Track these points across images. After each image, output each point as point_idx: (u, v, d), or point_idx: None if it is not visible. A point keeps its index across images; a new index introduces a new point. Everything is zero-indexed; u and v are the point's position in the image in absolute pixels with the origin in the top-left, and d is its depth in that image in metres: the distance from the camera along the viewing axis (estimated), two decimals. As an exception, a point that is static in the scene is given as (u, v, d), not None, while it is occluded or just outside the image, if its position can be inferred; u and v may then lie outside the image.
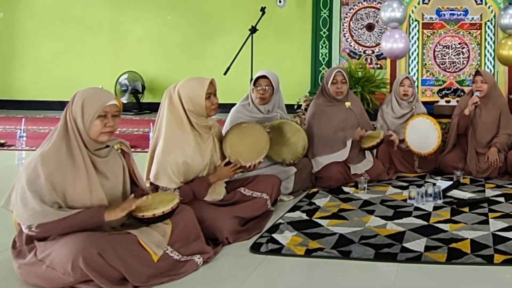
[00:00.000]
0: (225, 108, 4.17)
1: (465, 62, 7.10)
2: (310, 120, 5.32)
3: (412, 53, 7.18)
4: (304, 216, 4.11)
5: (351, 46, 8.29)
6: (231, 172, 3.99)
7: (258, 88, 4.78)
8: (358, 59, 8.24)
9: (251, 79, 5.07)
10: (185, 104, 3.69)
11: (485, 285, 3.00)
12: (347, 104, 5.33)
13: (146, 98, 10.25)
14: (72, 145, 2.86)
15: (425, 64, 7.16)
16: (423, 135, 5.51)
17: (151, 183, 3.67)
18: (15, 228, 2.90)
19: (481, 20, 7.05)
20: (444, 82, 7.14)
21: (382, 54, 7.60)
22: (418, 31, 7.20)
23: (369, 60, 8.27)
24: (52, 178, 2.75)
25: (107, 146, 3.04)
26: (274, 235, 3.64)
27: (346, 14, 8.23)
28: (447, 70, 7.13)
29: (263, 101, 4.82)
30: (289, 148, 4.82)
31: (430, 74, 7.16)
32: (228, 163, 4.00)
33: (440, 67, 7.13)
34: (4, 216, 3.47)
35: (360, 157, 5.33)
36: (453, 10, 7.08)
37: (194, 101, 3.69)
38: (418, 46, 7.21)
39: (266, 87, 4.79)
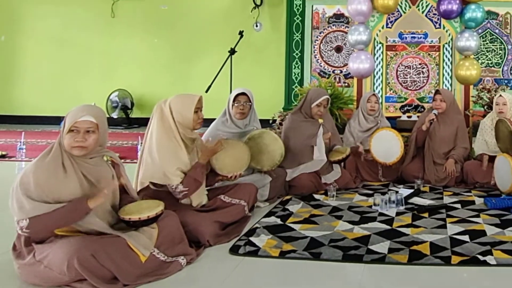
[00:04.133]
0: (207, 122, 4.26)
1: (425, 81, 7.10)
2: (286, 133, 5.33)
3: (377, 73, 7.15)
4: (279, 221, 4.14)
5: (321, 66, 8.29)
6: (213, 150, 3.97)
7: (238, 104, 4.81)
8: (328, 78, 8.24)
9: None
10: (175, 116, 3.70)
11: (443, 284, 3.03)
12: (320, 120, 5.35)
13: (134, 114, 10.28)
14: (63, 156, 2.91)
15: (389, 83, 7.15)
16: (387, 146, 5.56)
17: (139, 191, 3.69)
18: (15, 231, 2.91)
19: (439, 42, 7.08)
20: (406, 99, 7.14)
21: (349, 73, 7.60)
22: (382, 52, 7.19)
23: (337, 79, 8.29)
24: (42, 185, 2.77)
25: (97, 156, 3.08)
26: (251, 238, 3.68)
27: (317, 37, 8.25)
28: (409, 88, 7.13)
29: (243, 115, 4.85)
30: (268, 155, 4.85)
31: (393, 92, 7.16)
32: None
33: (402, 85, 7.13)
34: (5, 220, 3.53)
35: (329, 168, 5.35)
36: (414, 34, 7.09)
37: (184, 114, 3.71)
38: (382, 66, 7.19)
39: (245, 103, 4.84)
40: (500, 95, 5.49)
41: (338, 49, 8.33)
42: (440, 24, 7.05)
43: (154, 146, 3.70)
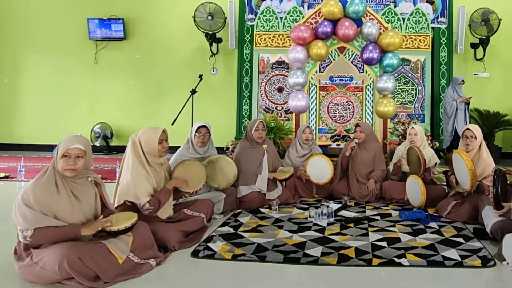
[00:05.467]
0: (173, 149, 4.32)
1: (350, 115, 7.21)
2: (237, 157, 5.29)
3: (312, 109, 7.20)
4: (231, 230, 4.17)
5: (266, 103, 8.32)
6: (180, 183, 4.02)
7: (199, 134, 4.84)
8: (271, 113, 8.31)
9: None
10: (143, 146, 3.75)
11: (366, 282, 3.07)
12: (264, 146, 5.39)
13: (113, 142, 10.27)
14: (56, 177, 2.97)
15: (321, 117, 7.23)
16: (320, 169, 5.56)
17: (116, 207, 3.70)
18: (16, 238, 2.95)
19: (362, 84, 7.16)
20: (335, 130, 7.26)
21: (289, 109, 7.63)
22: (316, 92, 7.21)
23: (279, 114, 8.32)
24: (39, 200, 2.83)
25: (83, 177, 3.12)
26: (209, 244, 3.72)
27: (262, 80, 8.24)
28: (337, 121, 7.24)
29: (203, 144, 4.88)
30: (223, 176, 4.86)
31: (324, 124, 7.24)
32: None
33: (332, 119, 7.24)
34: (7, 229, 3.56)
35: (273, 187, 5.36)
36: (342, 77, 7.19)
37: (150, 145, 3.75)
38: (316, 104, 7.23)
39: (205, 134, 4.88)
40: (412, 127, 5.61)
41: (280, 90, 8.27)
42: (363, 69, 7.13)
43: (128, 172, 3.72)
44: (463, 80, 8.39)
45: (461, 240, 3.92)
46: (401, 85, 8.91)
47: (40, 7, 10.40)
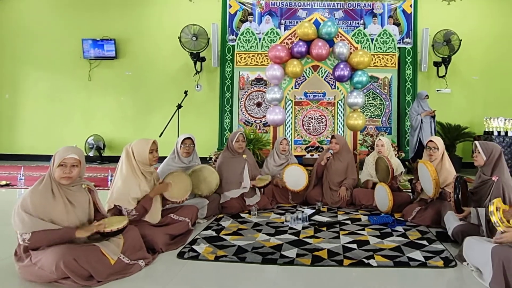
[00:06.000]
0: (160, 159, 4.34)
1: (323, 128, 7.24)
2: (219, 167, 5.32)
3: (288, 122, 7.24)
4: (214, 233, 4.19)
5: (246, 117, 8.29)
6: (163, 188, 4.02)
7: (184, 146, 4.88)
8: (251, 126, 8.29)
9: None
10: (136, 156, 3.79)
11: (337, 281, 3.08)
12: (244, 156, 5.44)
13: (106, 153, 10.24)
14: (52, 184, 3.00)
15: (297, 130, 7.26)
16: (295, 177, 5.58)
17: (108, 211, 3.70)
18: (16, 241, 2.97)
19: (334, 99, 7.18)
20: (309, 142, 7.25)
21: (267, 122, 7.59)
22: (291, 107, 7.24)
23: (258, 127, 8.28)
24: (37, 205, 2.86)
25: (77, 185, 3.14)
26: (193, 246, 3.76)
27: (242, 95, 8.21)
28: (311, 134, 7.26)
29: (188, 154, 4.93)
30: (206, 184, 4.91)
31: (300, 136, 7.27)
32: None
33: (306, 131, 7.26)
34: (8, 233, 3.55)
35: (252, 193, 5.39)
36: (315, 93, 7.21)
37: (141, 155, 3.80)
38: (291, 117, 7.26)
39: (190, 145, 4.92)
40: (380, 139, 5.65)
41: (259, 104, 8.26)
42: (335, 86, 7.16)
43: (121, 178, 3.75)
44: (427, 95, 8.36)
45: (425, 242, 3.97)
46: (370, 100, 8.91)
47: (39, 28, 10.44)
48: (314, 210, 5.20)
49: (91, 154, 9.89)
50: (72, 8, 10.36)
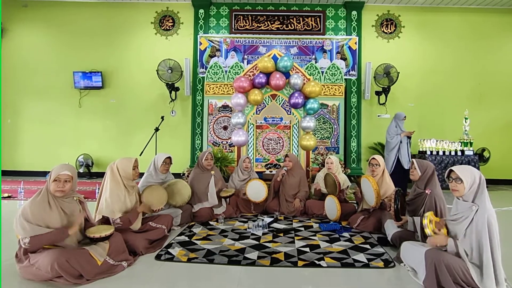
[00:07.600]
0: (140, 175, 4.39)
1: (280, 148, 7.30)
2: (191, 181, 5.32)
3: (250, 143, 7.26)
4: (187, 239, 4.21)
5: (214, 138, 8.17)
6: (146, 208, 4.06)
7: (165, 164, 4.89)
8: (218, 146, 8.20)
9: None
10: (120, 172, 3.82)
11: (293, 280, 3.11)
12: (212, 172, 5.44)
13: (94, 169, 10.12)
14: (48, 197, 3.04)
15: (258, 149, 7.32)
16: (256, 190, 5.56)
17: (97, 221, 3.70)
18: (17, 245, 2.99)
19: (290, 123, 7.20)
20: (268, 160, 7.32)
21: (232, 143, 7.54)
22: (253, 130, 7.28)
23: (224, 147, 8.19)
24: (35, 215, 2.89)
25: (70, 197, 3.18)
26: (169, 250, 3.78)
27: (211, 120, 8.14)
28: (270, 153, 7.33)
29: (167, 171, 4.95)
30: (180, 196, 4.92)
31: (260, 155, 7.34)
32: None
33: (266, 151, 7.33)
34: (9, 239, 3.53)
35: (219, 204, 5.38)
36: (274, 118, 7.28)
37: (126, 171, 3.84)
38: (253, 139, 7.30)
39: (169, 164, 4.95)
40: (329, 157, 5.62)
41: (225, 128, 8.17)
42: (290, 112, 7.19)
43: (106, 192, 3.76)
44: (405, 116, 7.81)
45: (368, 246, 4.00)
46: (321, 124, 8.78)
47: (36, 62, 10.39)
48: (272, 219, 5.19)
49: (81, 170, 9.80)
50: (65, 45, 10.40)
